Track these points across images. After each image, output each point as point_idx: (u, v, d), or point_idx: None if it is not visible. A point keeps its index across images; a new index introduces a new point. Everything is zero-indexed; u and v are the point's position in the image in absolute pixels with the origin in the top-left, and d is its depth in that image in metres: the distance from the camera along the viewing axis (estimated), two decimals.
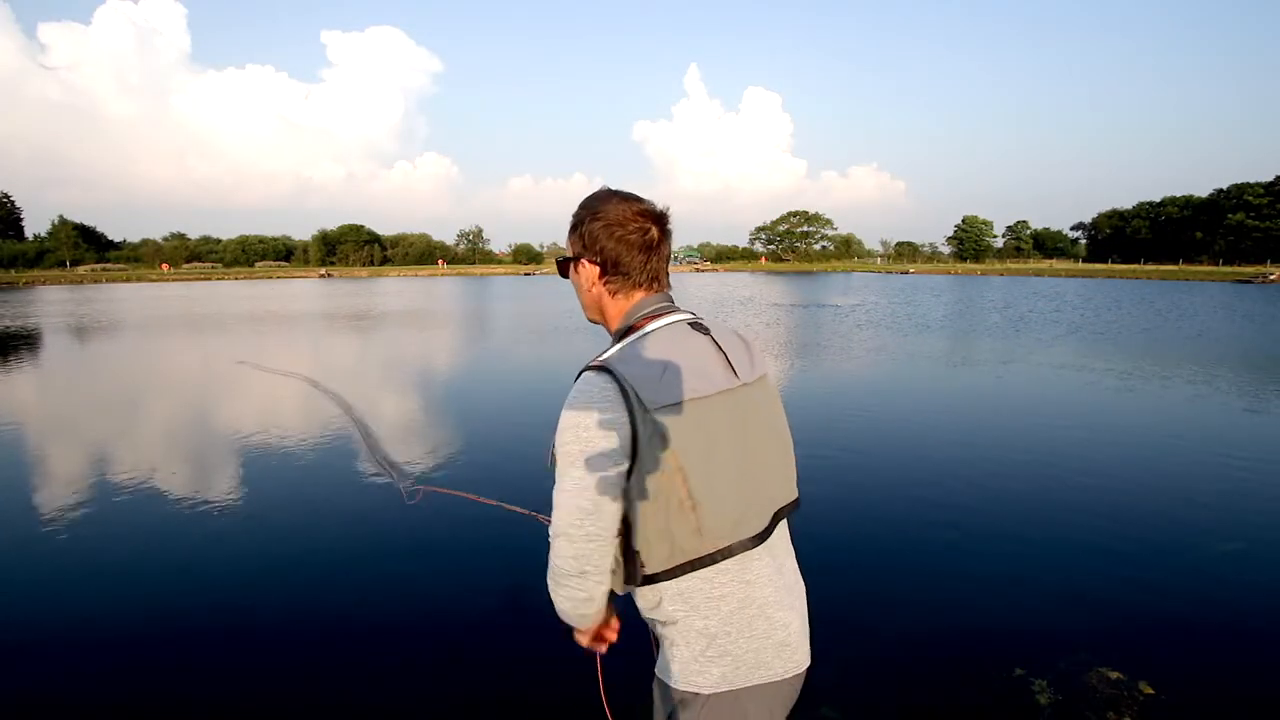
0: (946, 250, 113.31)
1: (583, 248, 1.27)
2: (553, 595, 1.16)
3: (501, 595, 3.68)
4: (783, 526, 1.28)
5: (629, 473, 1.09)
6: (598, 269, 1.25)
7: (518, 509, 2.39)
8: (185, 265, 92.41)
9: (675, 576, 1.13)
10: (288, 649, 3.25)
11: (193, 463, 6.30)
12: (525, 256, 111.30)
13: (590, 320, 1.34)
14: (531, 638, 3.19)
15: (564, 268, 1.32)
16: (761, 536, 1.17)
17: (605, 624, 1.27)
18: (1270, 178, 79.43)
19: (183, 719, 2.77)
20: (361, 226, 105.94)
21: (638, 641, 1.36)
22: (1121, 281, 51.04)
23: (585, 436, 1.09)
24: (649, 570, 1.12)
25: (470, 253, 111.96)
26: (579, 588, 1.12)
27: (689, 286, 46.01)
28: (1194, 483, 5.51)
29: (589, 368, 1.15)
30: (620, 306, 1.28)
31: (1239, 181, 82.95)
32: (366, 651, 3.19)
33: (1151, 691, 2.78)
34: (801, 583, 1.33)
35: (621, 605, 1.27)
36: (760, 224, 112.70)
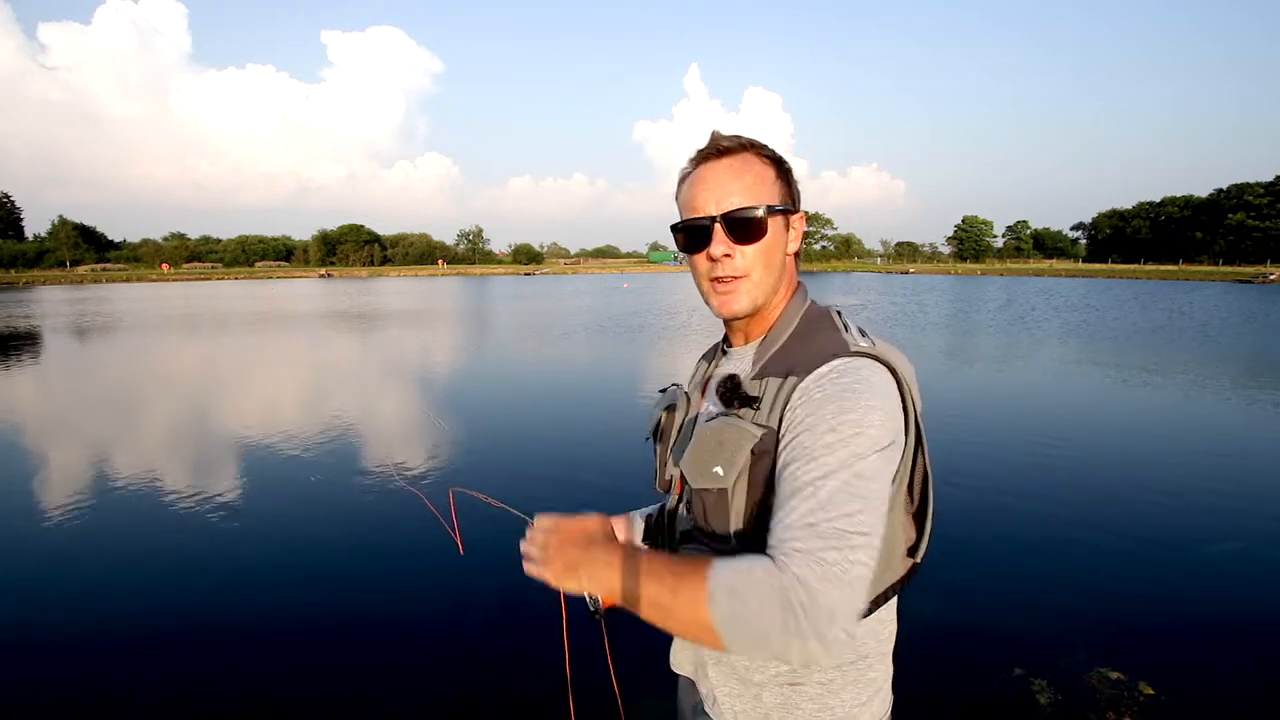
0: (946, 250, 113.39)
1: (791, 199, 1.02)
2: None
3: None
4: None
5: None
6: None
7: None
8: (185, 265, 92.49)
9: (875, 607, 0.97)
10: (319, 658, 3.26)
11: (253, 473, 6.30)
12: (525, 256, 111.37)
13: (751, 306, 1.00)
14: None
15: (760, 225, 0.96)
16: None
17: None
18: (1270, 178, 79.56)
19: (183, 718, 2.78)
20: (361, 226, 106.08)
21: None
22: (1121, 281, 51.04)
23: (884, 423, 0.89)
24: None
25: (470, 253, 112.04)
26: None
27: (690, 287, 45.90)
28: (1194, 481, 5.50)
29: (859, 354, 0.92)
30: (795, 282, 1.07)
31: (1239, 181, 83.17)
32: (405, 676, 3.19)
33: (1151, 691, 2.78)
34: None
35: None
36: None
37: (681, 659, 1.12)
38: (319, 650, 3.24)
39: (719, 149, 0.99)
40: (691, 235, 1.00)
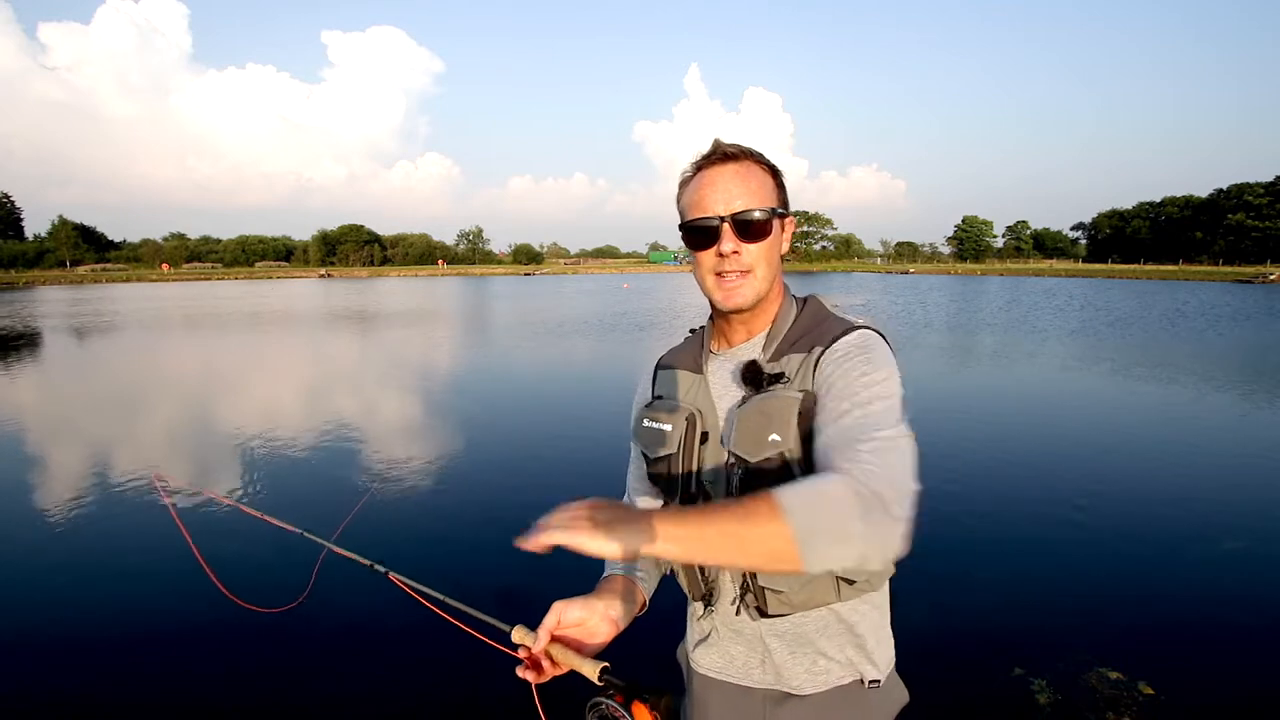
0: (946, 250, 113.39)
1: (785, 204, 1.14)
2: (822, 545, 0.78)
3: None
4: None
5: None
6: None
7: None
8: (185, 265, 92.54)
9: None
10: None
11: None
12: (525, 257, 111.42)
13: (754, 298, 1.11)
14: None
15: (765, 226, 1.08)
16: None
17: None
18: (1270, 178, 79.59)
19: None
20: (362, 226, 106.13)
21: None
22: (1122, 282, 51.03)
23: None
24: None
25: (470, 253, 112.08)
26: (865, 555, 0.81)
27: (690, 287, 45.94)
28: (1195, 482, 5.49)
29: (866, 328, 1.08)
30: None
31: (1239, 181, 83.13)
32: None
33: (1151, 691, 2.78)
34: None
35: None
36: None
37: (744, 664, 1.16)
38: (318, 650, 3.24)
39: (724, 154, 1.09)
40: (700, 234, 1.09)
